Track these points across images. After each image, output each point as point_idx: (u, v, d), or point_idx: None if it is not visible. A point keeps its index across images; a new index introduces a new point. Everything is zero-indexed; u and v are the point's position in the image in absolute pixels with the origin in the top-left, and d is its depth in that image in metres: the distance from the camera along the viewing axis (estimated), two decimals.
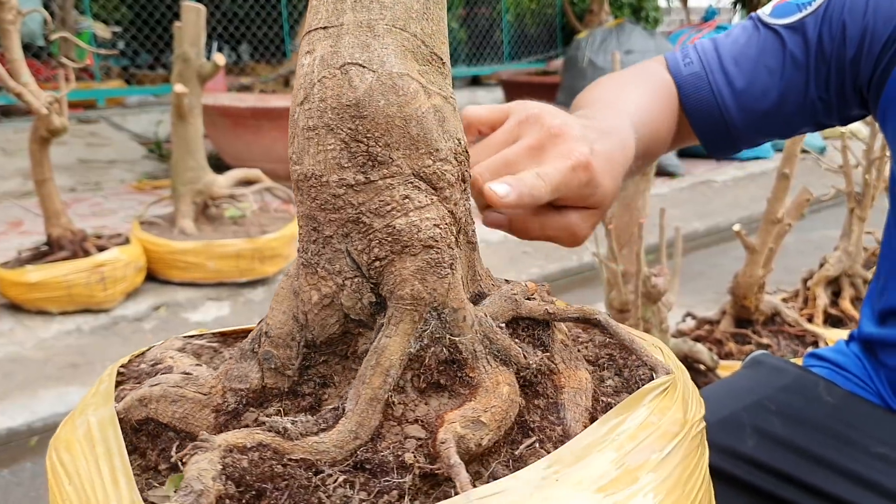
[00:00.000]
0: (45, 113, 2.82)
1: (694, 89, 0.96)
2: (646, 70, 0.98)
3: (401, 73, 0.53)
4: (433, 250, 0.53)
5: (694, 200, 5.14)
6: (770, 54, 0.94)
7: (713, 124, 0.97)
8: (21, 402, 2.67)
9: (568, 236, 0.69)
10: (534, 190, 0.62)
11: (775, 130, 0.99)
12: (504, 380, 0.54)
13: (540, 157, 0.65)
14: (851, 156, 2.53)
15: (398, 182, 0.53)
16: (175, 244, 3.31)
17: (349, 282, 0.54)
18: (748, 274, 2.24)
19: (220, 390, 0.57)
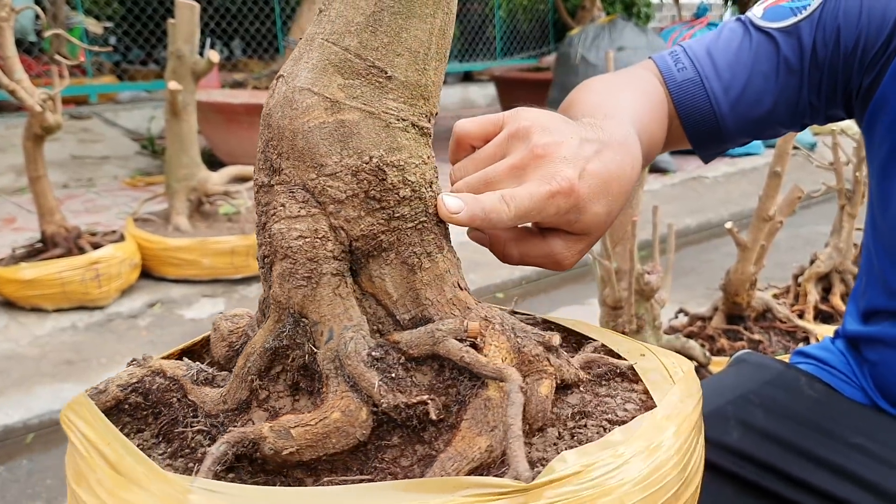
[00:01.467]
0: (39, 110, 2.81)
1: (689, 96, 0.95)
2: (635, 75, 0.96)
3: (301, 88, 0.55)
4: (288, 260, 0.55)
5: (685, 197, 5.16)
6: (764, 59, 0.94)
7: (707, 130, 0.96)
8: (17, 399, 2.68)
9: (551, 263, 0.66)
10: (492, 213, 0.59)
11: (764, 133, 1.00)
12: (341, 406, 0.53)
13: (521, 177, 0.62)
14: (842, 153, 2.55)
15: (283, 190, 0.56)
16: (170, 241, 3.31)
17: (262, 272, 0.61)
18: (740, 271, 2.26)
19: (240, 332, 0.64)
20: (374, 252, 0.57)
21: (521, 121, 0.65)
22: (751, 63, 0.94)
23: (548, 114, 0.67)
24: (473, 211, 0.58)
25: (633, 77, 0.96)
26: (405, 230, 0.57)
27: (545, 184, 0.60)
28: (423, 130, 0.57)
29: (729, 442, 0.98)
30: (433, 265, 0.58)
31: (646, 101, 0.89)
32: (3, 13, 2.80)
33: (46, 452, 2.54)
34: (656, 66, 0.98)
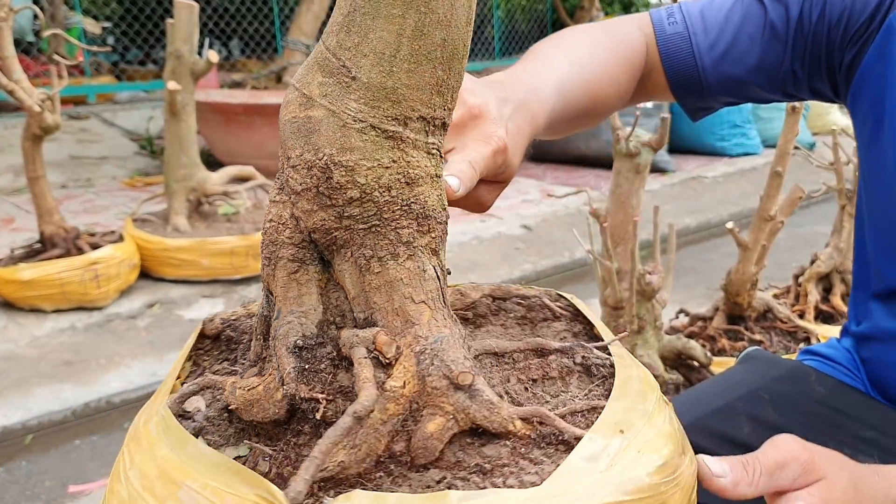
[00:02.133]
0: (37, 111, 2.81)
1: (675, 48, 1.01)
2: (611, 28, 1.01)
3: (292, 84, 0.58)
4: (263, 239, 0.61)
5: (684, 196, 5.16)
6: (752, 21, 0.98)
7: (689, 84, 1.02)
8: (16, 401, 2.67)
9: (476, 206, 0.74)
10: (471, 181, 0.66)
11: (746, 96, 1.04)
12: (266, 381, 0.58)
13: (460, 136, 0.69)
14: (842, 153, 2.55)
15: (276, 176, 0.60)
16: (169, 241, 3.30)
17: None
18: (741, 271, 2.26)
19: None
20: (334, 246, 0.58)
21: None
22: (738, 24, 0.98)
23: (470, 77, 0.72)
24: (466, 184, 0.65)
25: (601, 33, 0.99)
26: (357, 231, 0.57)
27: (487, 144, 0.69)
28: (387, 133, 0.55)
29: (739, 437, 0.98)
30: (383, 271, 0.58)
31: (604, 54, 0.95)
32: (2, 13, 2.79)
33: (45, 454, 2.53)
34: (650, 18, 1.03)
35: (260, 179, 3.54)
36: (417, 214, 0.57)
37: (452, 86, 0.57)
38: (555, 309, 0.73)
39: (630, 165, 2.05)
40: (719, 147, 6.03)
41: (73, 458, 2.50)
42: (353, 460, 0.52)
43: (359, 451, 0.53)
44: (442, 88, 0.56)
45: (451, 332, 0.58)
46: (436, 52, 0.54)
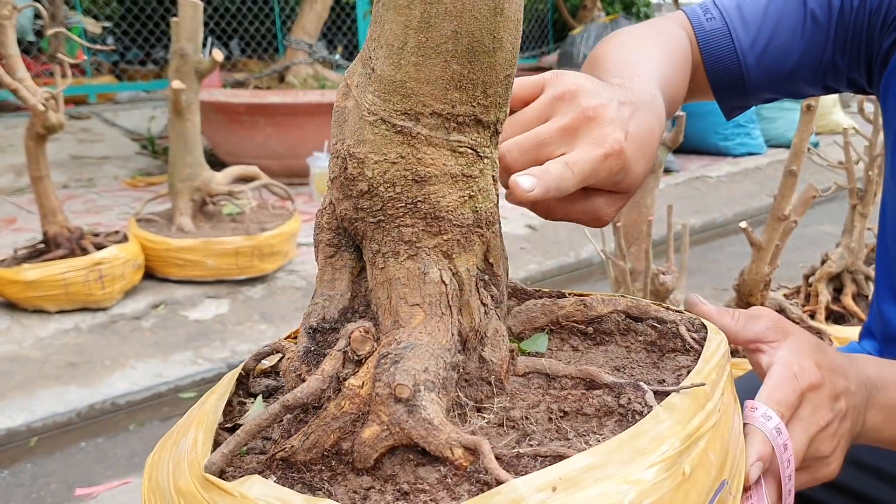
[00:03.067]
0: (41, 110, 2.78)
1: (716, 45, 0.97)
2: (662, 30, 0.98)
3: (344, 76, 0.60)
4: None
5: (689, 196, 5.14)
6: (791, 13, 0.95)
7: (731, 81, 0.99)
8: (20, 402, 2.65)
9: (592, 219, 0.69)
10: (561, 182, 0.61)
11: (788, 90, 1.01)
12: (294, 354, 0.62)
13: (572, 139, 0.64)
14: (853, 151, 2.53)
15: None
16: (173, 242, 3.28)
17: None
18: (754, 271, 2.23)
19: None
20: (358, 237, 0.58)
21: (566, 84, 0.67)
22: (778, 16, 0.96)
23: (587, 76, 0.69)
24: (548, 185, 0.60)
25: (659, 31, 0.97)
26: (368, 224, 0.57)
27: (599, 147, 0.63)
28: (396, 128, 0.54)
29: None
30: (386, 268, 0.57)
31: (670, 58, 0.91)
32: (5, 11, 2.77)
33: (50, 456, 2.51)
34: (686, 16, 1.00)
35: (264, 179, 3.52)
36: (426, 214, 0.55)
37: (480, 81, 0.53)
38: (688, 340, 0.65)
39: None
40: (723, 147, 6.01)
41: (78, 461, 2.48)
42: (302, 447, 0.53)
43: (307, 439, 0.53)
44: (462, 83, 0.53)
45: (431, 341, 0.55)
46: (446, 45, 0.52)
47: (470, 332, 0.58)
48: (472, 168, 0.55)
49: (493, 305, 0.60)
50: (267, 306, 3.32)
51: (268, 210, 3.60)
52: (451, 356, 0.55)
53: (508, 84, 0.56)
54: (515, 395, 0.59)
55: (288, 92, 4.98)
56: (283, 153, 4.93)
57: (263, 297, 3.38)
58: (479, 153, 0.55)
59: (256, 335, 3.11)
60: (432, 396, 0.52)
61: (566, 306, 0.66)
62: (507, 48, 0.54)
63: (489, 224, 0.58)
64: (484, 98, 0.54)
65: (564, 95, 0.66)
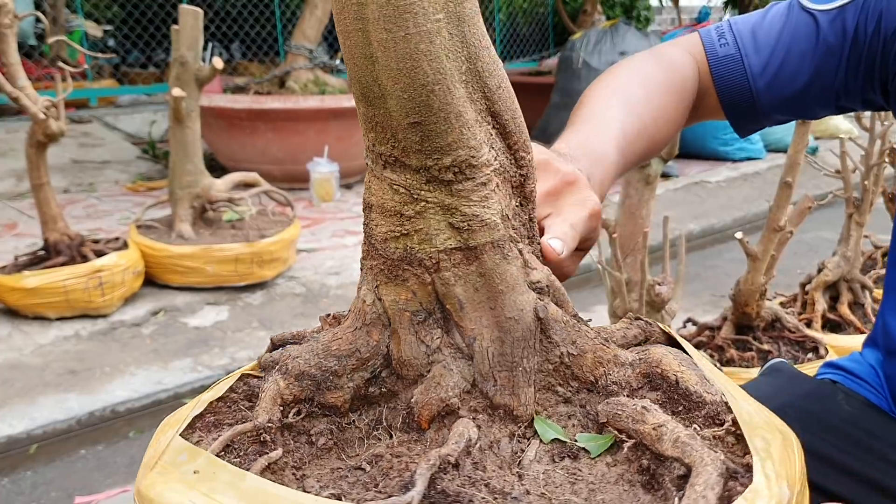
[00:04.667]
0: (42, 118, 2.79)
1: (728, 71, 1.00)
2: (662, 58, 1.01)
3: None
4: None
5: (688, 202, 5.15)
6: (803, 38, 0.97)
7: (742, 105, 1.01)
8: (20, 410, 2.66)
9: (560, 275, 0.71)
10: (573, 243, 0.68)
11: (800, 112, 1.03)
12: None
13: (556, 201, 0.71)
14: (849, 160, 2.54)
15: None
16: (173, 248, 3.29)
17: None
18: (750, 281, 2.25)
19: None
20: None
21: (538, 154, 0.72)
22: (789, 42, 0.98)
23: (543, 149, 0.76)
24: (569, 245, 0.67)
25: (655, 68, 0.99)
26: None
27: (584, 208, 0.71)
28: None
29: None
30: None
31: (655, 101, 0.94)
32: (6, 20, 2.79)
33: (50, 464, 2.52)
34: (701, 40, 1.03)
35: (264, 186, 3.52)
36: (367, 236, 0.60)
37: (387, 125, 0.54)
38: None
39: (640, 176, 2.04)
40: (722, 152, 6.01)
41: (78, 469, 2.49)
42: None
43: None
44: (373, 125, 0.55)
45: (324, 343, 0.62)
46: (353, 87, 0.55)
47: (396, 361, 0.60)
48: (406, 208, 0.56)
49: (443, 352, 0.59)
50: (266, 313, 3.33)
51: (267, 216, 3.61)
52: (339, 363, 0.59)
53: (425, 132, 0.53)
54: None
55: (288, 97, 4.98)
56: (283, 158, 4.93)
57: (263, 304, 3.39)
58: (412, 195, 0.55)
59: (256, 342, 3.12)
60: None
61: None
62: (400, 96, 0.52)
63: (434, 270, 0.57)
64: (396, 142, 0.54)
65: (539, 165, 0.70)
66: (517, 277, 0.58)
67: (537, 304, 0.58)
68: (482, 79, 0.54)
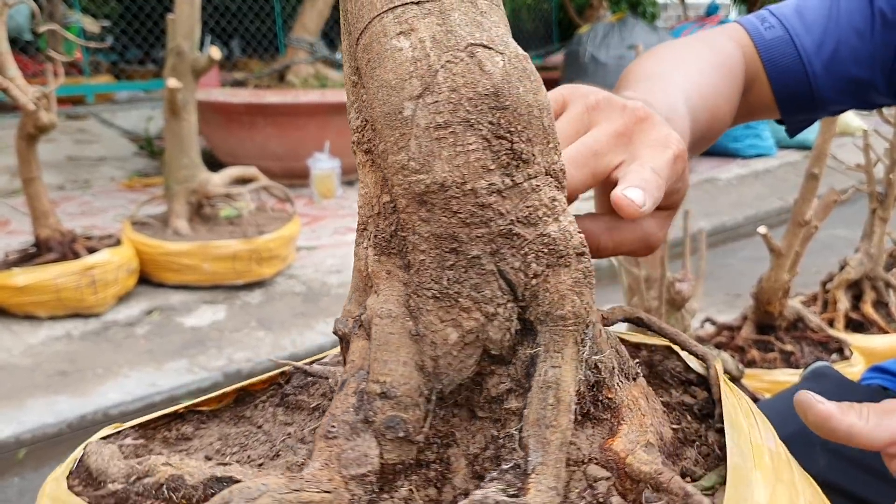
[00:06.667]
0: (32, 109, 2.71)
1: (779, 54, 0.89)
2: (708, 42, 0.90)
3: (525, 56, 0.45)
4: (585, 257, 0.46)
5: (698, 199, 5.06)
6: (858, 13, 0.88)
7: (798, 91, 0.91)
8: (8, 413, 2.56)
9: (643, 247, 0.58)
10: (657, 191, 0.52)
11: (859, 98, 0.93)
12: (639, 393, 0.49)
13: (630, 144, 0.56)
14: (873, 153, 2.44)
15: (542, 182, 0.45)
16: (169, 245, 3.19)
17: (501, 308, 0.45)
18: (773, 278, 2.15)
19: (341, 483, 0.44)
20: None
21: (595, 93, 0.59)
22: (843, 19, 0.89)
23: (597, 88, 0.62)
24: (653, 196, 0.51)
25: (702, 47, 0.88)
26: None
27: (666, 148, 0.55)
28: None
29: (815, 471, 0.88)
30: None
31: (714, 71, 0.83)
32: None
33: (39, 470, 2.42)
34: (743, 27, 0.92)
35: (263, 181, 3.43)
36: None
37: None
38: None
39: None
40: (732, 148, 5.93)
41: None
42: None
43: None
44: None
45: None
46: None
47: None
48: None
49: None
50: (265, 312, 3.24)
51: (266, 213, 3.52)
52: None
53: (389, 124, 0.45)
54: None
55: (288, 91, 4.90)
56: (282, 154, 4.85)
57: (262, 303, 3.29)
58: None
59: (254, 342, 3.03)
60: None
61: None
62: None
63: None
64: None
65: (599, 103, 0.58)
66: None
67: None
68: None
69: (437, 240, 0.45)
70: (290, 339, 3.03)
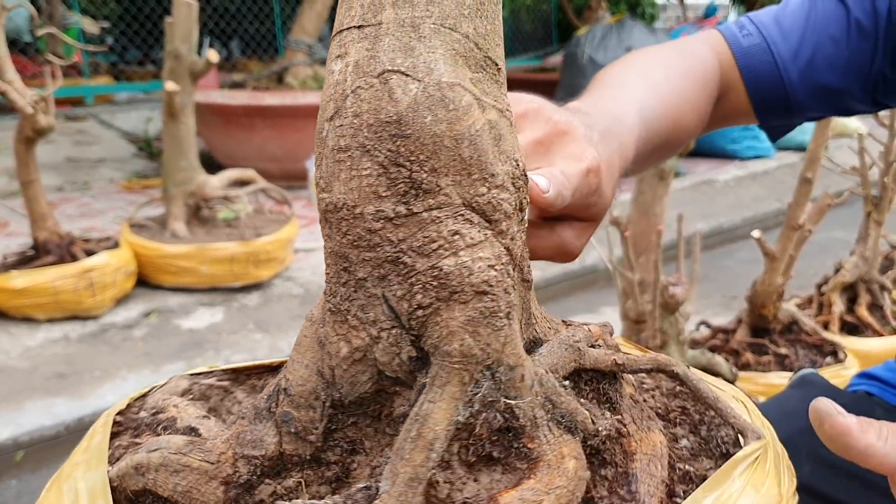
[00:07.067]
0: (30, 112, 2.71)
1: (756, 61, 0.91)
2: (681, 49, 0.91)
3: (451, 83, 0.44)
4: (488, 297, 0.44)
5: (696, 201, 5.06)
6: (834, 22, 0.89)
7: (774, 98, 0.92)
8: (6, 415, 2.56)
9: (560, 254, 0.61)
10: (564, 189, 0.54)
11: (835, 105, 0.94)
12: (570, 452, 0.45)
13: (546, 154, 0.58)
14: (867, 156, 2.45)
15: (446, 214, 0.44)
16: (166, 248, 3.19)
17: (385, 333, 0.45)
18: (767, 282, 2.15)
19: (230, 458, 0.48)
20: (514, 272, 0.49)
21: (527, 102, 0.62)
22: (820, 27, 0.90)
23: (543, 98, 0.64)
24: (558, 188, 0.53)
25: (672, 54, 0.89)
26: (523, 242, 0.49)
27: (579, 161, 0.58)
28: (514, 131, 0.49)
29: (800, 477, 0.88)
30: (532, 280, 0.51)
31: (681, 79, 0.84)
32: None
33: (37, 472, 2.43)
34: (721, 34, 0.93)
35: (261, 183, 3.43)
36: None
37: None
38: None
39: (654, 171, 1.95)
40: (730, 150, 5.93)
41: None
42: (662, 429, 0.53)
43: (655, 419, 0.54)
44: None
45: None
46: None
47: None
48: None
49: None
50: (263, 315, 3.24)
51: (264, 215, 3.52)
52: None
53: None
54: None
55: (286, 93, 4.90)
56: (281, 156, 4.85)
57: (259, 306, 3.30)
58: None
59: (252, 344, 3.03)
60: None
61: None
62: None
63: None
64: None
65: (528, 113, 0.60)
66: None
67: None
68: None
69: (335, 257, 0.47)
70: (288, 341, 3.03)
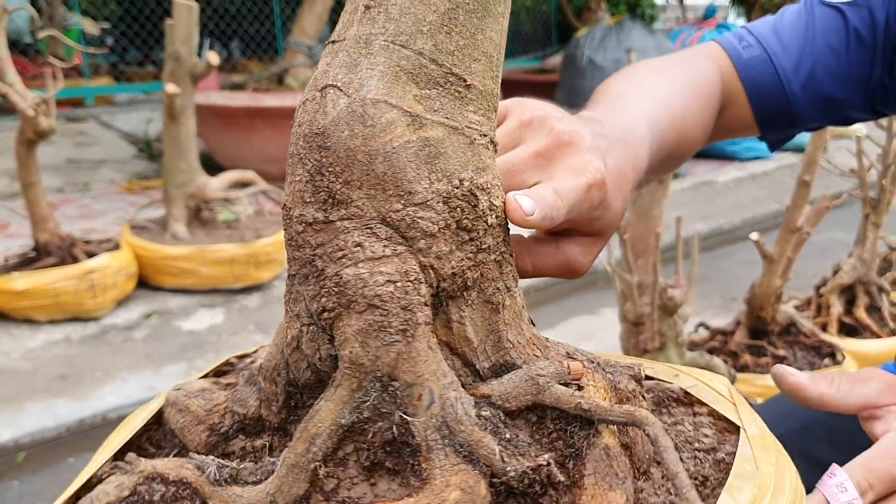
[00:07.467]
0: (31, 114, 2.71)
1: (758, 73, 0.91)
2: (684, 62, 0.91)
3: (375, 100, 0.45)
4: (378, 311, 0.45)
5: (696, 202, 5.07)
6: (833, 33, 0.90)
7: (776, 110, 0.92)
8: (7, 416, 2.57)
9: (566, 272, 0.59)
10: (553, 210, 0.52)
11: (836, 116, 0.94)
12: (458, 482, 0.44)
13: (547, 166, 0.56)
14: (866, 158, 2.45)
15: (354, 226, 0.46)
16: (167, 249, 3.20)
17: (306, 329, 0.49)
18: (765, 284, 2.16)
19: (221, 410, 0.54)
20: (457, 293, 0.49)
21: (533, 108, 0.59)
22: (819, 38, 0.90)
23: (552, 105, 0.62)
24: (544, 209, 0.51)
25: (678, 64, 0.90)
26: (489, 263, 0.49)
27: (580, 175, 0.55)
28: (496, 147, 0.50)
29: None
30: (513, 301, 0.51)
31: (685, 91, 0.83)
32: None
33: (38, 473, 2.43)
34: (721, 47, 0.93)
35: (261, 185, 3.44)
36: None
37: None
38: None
39: None
40: (730, 151, 5.93)
41: (67, 478, 2.40)
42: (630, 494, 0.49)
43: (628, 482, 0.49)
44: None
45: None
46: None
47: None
48: None
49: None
50: (263, 316, 3.25)
51: (264, 216, 3.53)
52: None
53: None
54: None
55: (287, 94, 4.90)
56: (281, 157, 4.84)
57: (259, 307, 3.30)
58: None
59: (252, 346, 3.03)
60: None
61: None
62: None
63: None
64: None
65: (533, 121, 0.58)
66: None
67: None
68: None
69: (288, 251, 0.50)
70: None
